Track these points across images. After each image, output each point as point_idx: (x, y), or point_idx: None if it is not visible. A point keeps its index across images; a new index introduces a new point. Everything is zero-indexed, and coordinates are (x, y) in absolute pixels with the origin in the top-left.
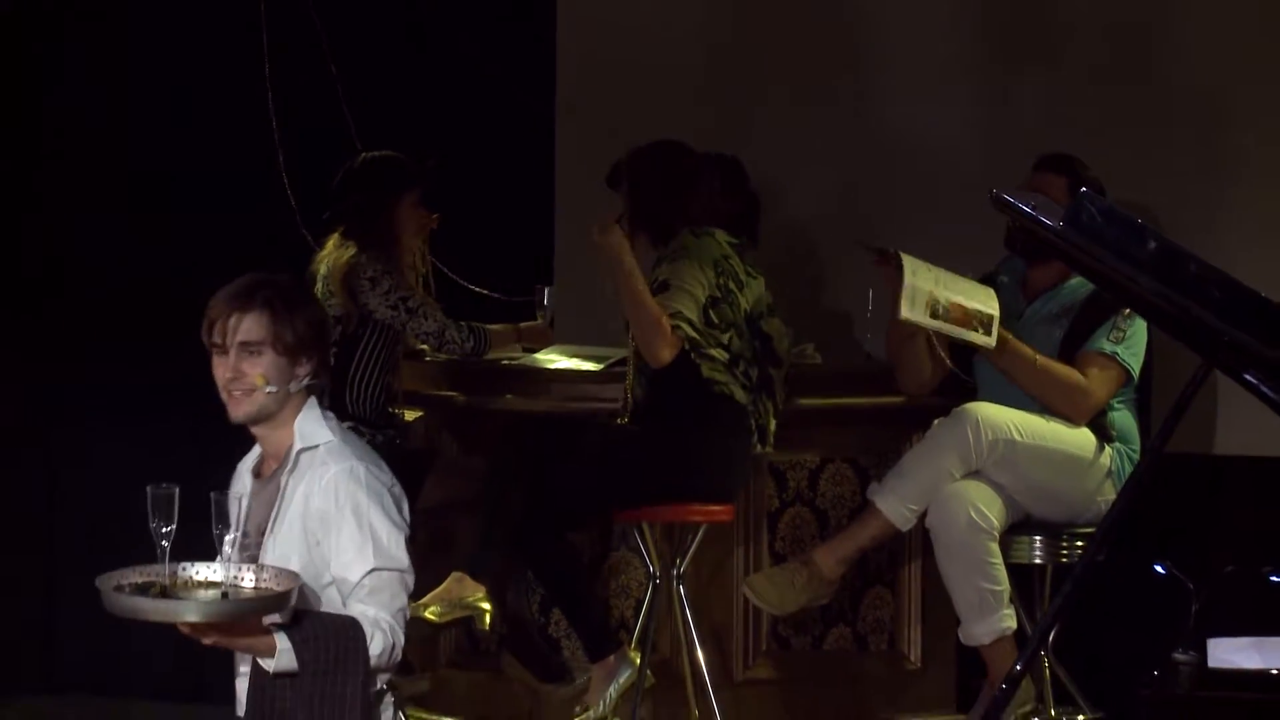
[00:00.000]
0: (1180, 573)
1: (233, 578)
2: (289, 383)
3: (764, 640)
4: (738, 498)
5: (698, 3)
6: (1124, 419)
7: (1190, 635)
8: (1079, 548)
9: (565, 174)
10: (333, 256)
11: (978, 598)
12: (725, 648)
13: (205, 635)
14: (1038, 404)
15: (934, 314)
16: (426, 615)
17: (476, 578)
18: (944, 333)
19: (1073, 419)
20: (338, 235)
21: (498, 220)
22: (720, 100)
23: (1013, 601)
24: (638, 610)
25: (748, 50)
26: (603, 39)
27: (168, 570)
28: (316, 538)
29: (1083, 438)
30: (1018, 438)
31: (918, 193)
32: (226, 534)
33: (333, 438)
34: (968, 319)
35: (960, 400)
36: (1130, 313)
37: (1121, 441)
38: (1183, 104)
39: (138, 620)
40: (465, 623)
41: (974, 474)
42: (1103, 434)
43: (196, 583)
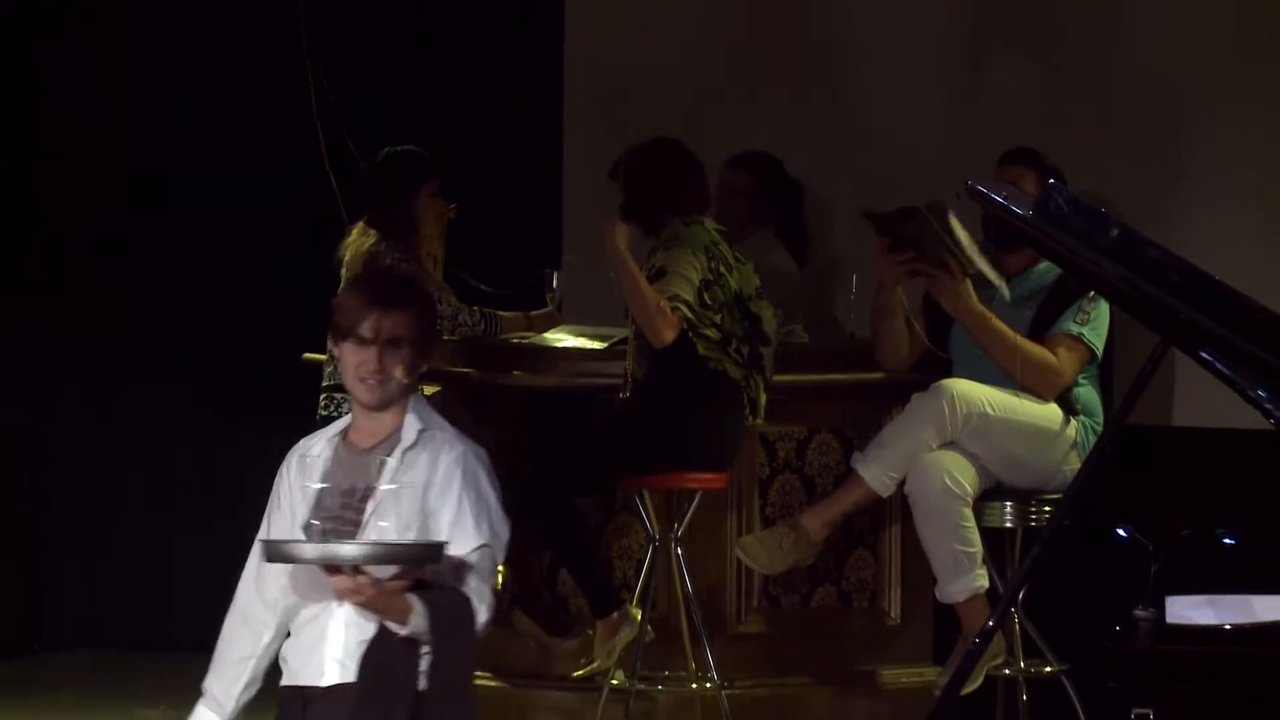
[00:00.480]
0: (1140, 536)
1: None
2: (416, 373)
3: (755, 598)
4: (731, 466)
5: (698, 7)
6: (1088, 394)
7: (1150, 594)
8: (1047, 513)
9: (573, 166)
10: (356, 244)
11: (953, 559)
12: (719, 605)
13: (355, 592)
14: (1009, 380)
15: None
16: None
17: None
18: (977, 262)
19: (1043, 396)
20: (362, 223)
21: (509, 208)
22: (718, 96)
23: (985, 562)
24: (638, 570)
25: (746, 50)
26: (608, 41)
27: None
28: (432, 508)
29: (1050, 411)
30: (990, 411)
31: (899, 184)
32: (325, 524)
33: (447, 425)
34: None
35: (937, 376)
36: (1095, 296)
37: (1086, 415)
38: (1142, 105)
39: (298, 562)
40: None
41: (949, 444)
42: (1068, 408)
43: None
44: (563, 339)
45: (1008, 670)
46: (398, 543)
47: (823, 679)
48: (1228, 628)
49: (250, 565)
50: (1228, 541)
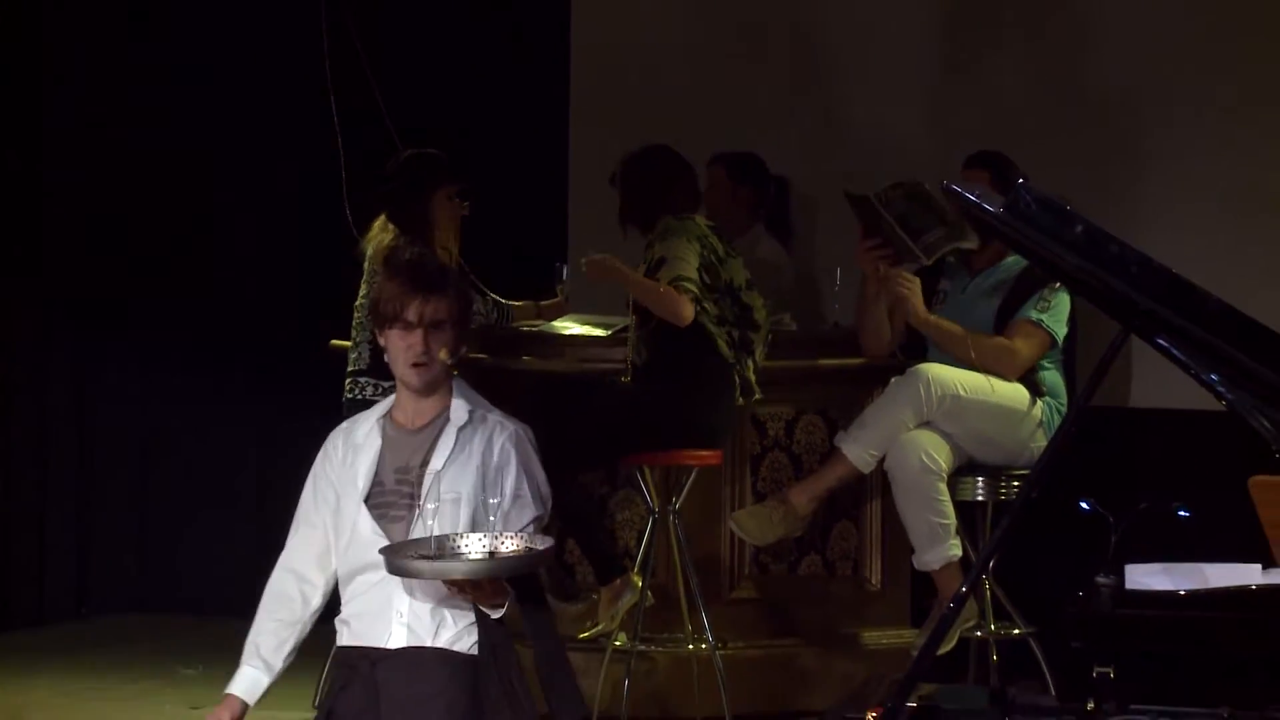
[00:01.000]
0: (1102, 509)
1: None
2: (458, 355)
3: (747, 566)
4: (725, 445)
5: (697, 19)
6: (1053, 377)
7: (1110, 562)
8: (1015, 487)
9: (579, 167)
10: (377, 239)
11: (929, 530)
12: (714, 573)
13: (466, 596)
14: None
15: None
16: None
17: None
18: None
19: (1005, 376)
20: (382, 219)
21: (520, 207)
22: (710, 100)
23: (959, 533)
24: (639, 541)
25: (737, 57)
26: (609, 53)
27: (435, 543)
28: (491, 484)
29: (1018, 393)
30: (962, 393)
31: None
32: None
33: (492, 406)
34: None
35: (914, 362)
36: (1057, 286)
37: (1051, 397)
38: (1106, 112)
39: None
40: None
41: (925, 424)
42: (1035, 390)
43: (460, 551)
44: (569, 327)
45: (979, 632)
46: (510, 552)
47: (809, 640)
48: (1182, 593)
49: (295, 534)
50: (1182, 514)
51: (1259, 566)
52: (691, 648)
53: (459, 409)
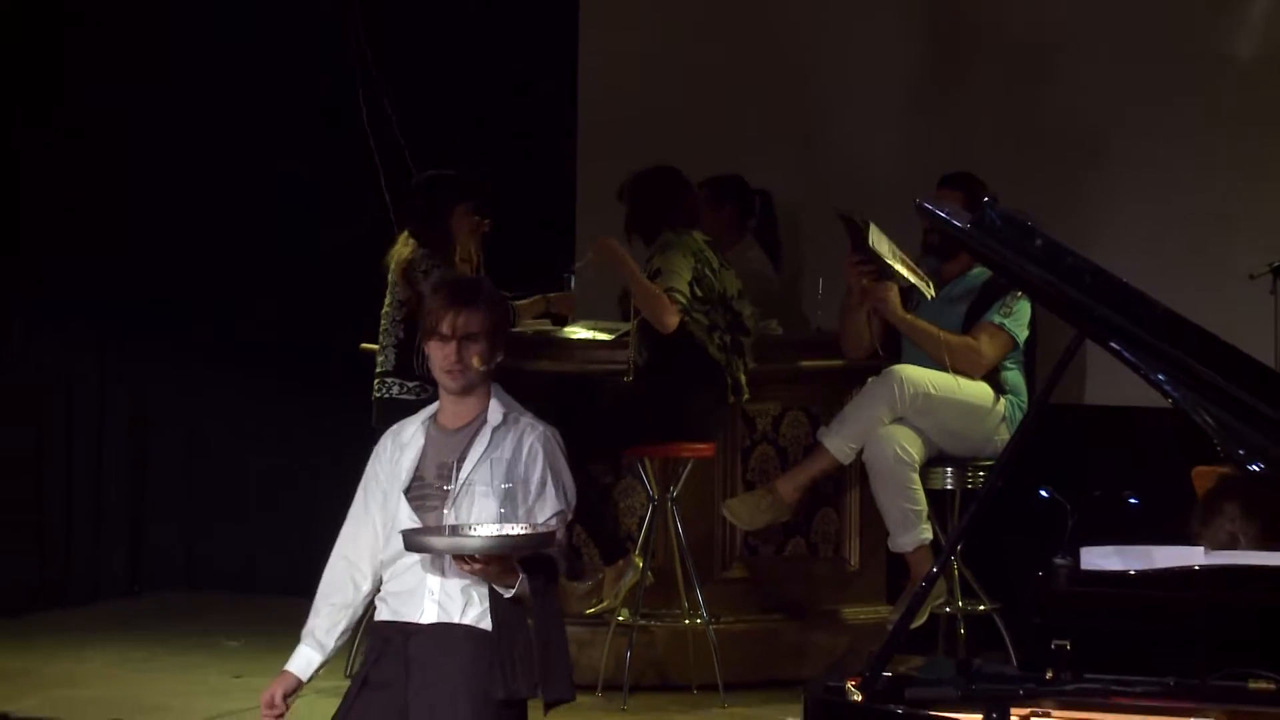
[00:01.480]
0: (1060, 496)
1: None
2: (492, 363)
3: (738, 548)
4: (718, 438)
5: (694, 47)
6: (1015, 377)
7: (1067, 544)
8: (981, 477)
9: (586, 178)
10: (399, 252)
11: (903, 516)
12: (708, 554)
13: (476, 572)
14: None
15: (893, 255)
16: None
17: None
18: (898, 269)
19: (970, 374)
20: (405, 234)
21: (530, 220)
22: (706, 123)
23: (930, 519)
24: (640, 525)
25: (728, 84)
26: (615, 78)
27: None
28: (521, 480)
29: (983, 391)
30: (933, 392)
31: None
32: (422, 492)
33: (525, 409)
34: (913, 270)
35: (889, 363)
36: (1020, 294)
37: (1013, 394)
38: (1071, 136)
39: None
40: None
41: (899, 420)
42: (998, 389)
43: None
44: (577, 331)
45: (948, 608)
46: (517, 533)
47: (794, 615)
48: (1132, 573)
49: (350, 524)
50: (1132, 501)
51: (1202, 549)
52: (688, 622)
53: (495, 411)
